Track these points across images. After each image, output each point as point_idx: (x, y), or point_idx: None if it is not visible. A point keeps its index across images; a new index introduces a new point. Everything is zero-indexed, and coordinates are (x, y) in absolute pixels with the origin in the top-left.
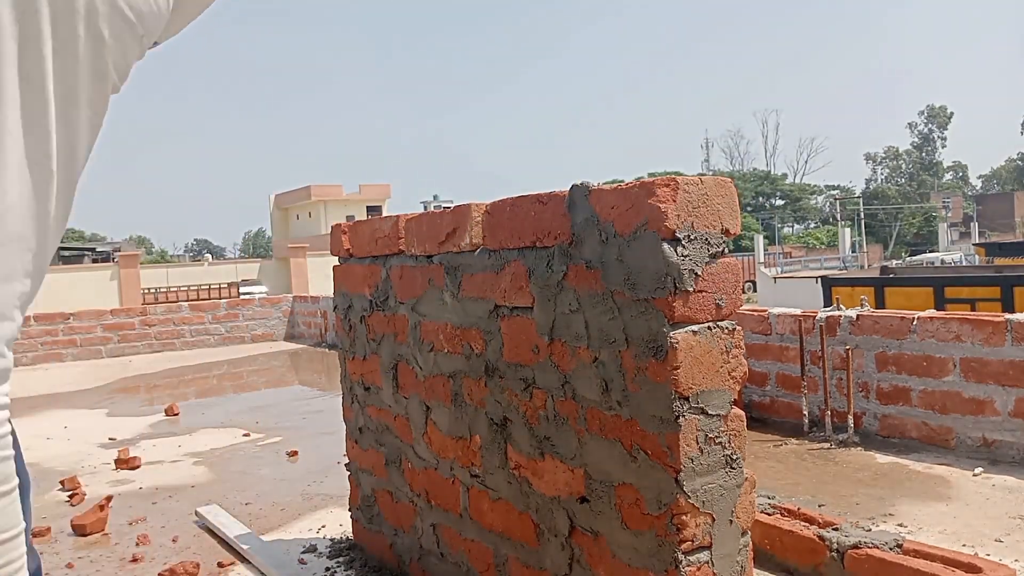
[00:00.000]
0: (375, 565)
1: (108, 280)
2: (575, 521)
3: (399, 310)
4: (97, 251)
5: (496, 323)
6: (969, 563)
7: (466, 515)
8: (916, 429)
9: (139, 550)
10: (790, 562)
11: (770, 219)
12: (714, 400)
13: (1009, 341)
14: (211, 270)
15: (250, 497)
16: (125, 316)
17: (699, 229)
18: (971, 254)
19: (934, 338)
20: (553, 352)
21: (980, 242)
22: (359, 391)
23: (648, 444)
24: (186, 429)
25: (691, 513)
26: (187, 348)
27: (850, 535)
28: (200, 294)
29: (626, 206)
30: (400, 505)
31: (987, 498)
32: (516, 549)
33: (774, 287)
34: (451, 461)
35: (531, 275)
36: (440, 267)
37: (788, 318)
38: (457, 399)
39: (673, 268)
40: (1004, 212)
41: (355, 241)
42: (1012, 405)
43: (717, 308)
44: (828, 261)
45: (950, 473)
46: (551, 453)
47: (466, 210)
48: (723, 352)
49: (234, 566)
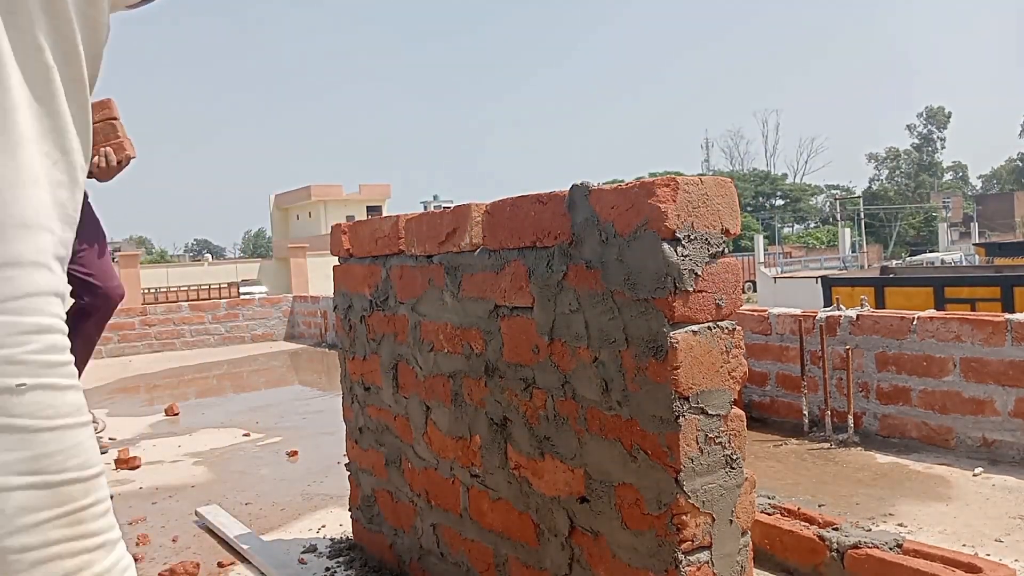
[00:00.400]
0: (375, 565)
1: None
2: (575, 521)
3: (399, 310)
4: None
5: (496, 323)
6: (969, 563)
7: (466, 515)
8: (916, 429)
9: (139, 550)
10: (790, 562)
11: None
12: (714, 400)
13: (1009, 341)
14: (211, 270)
15: (250, 497)
16: (125, 316)
17: (699, 229)
18: (971, 254)
19: (934, 338)
20: (553, 352)
21: (980, 242)
22: (359, 391)
23: (648, 444)
24: (186, 429)
25: (691, 513)
26: (187, 348)
27: (850, 535)
28: (200, 294)
29: (626, 206)
30: (400, 505)
31: (987, 498)
32: (516, 549)
33: (774, 287)
34: (451, 461)
35: (531, 275)
36: (440, 267)
37: (788, 318)
38: (457, 399)
39: (673, 268)
40: (1004, 212)
41: (355, 241)
42: (1012, 405)
43: (717, 308)
44: (828, 261)
45: (950, 473)
46: (551, 453)
47: (466, 210)
48: (723, 352)
49: (234, 566)
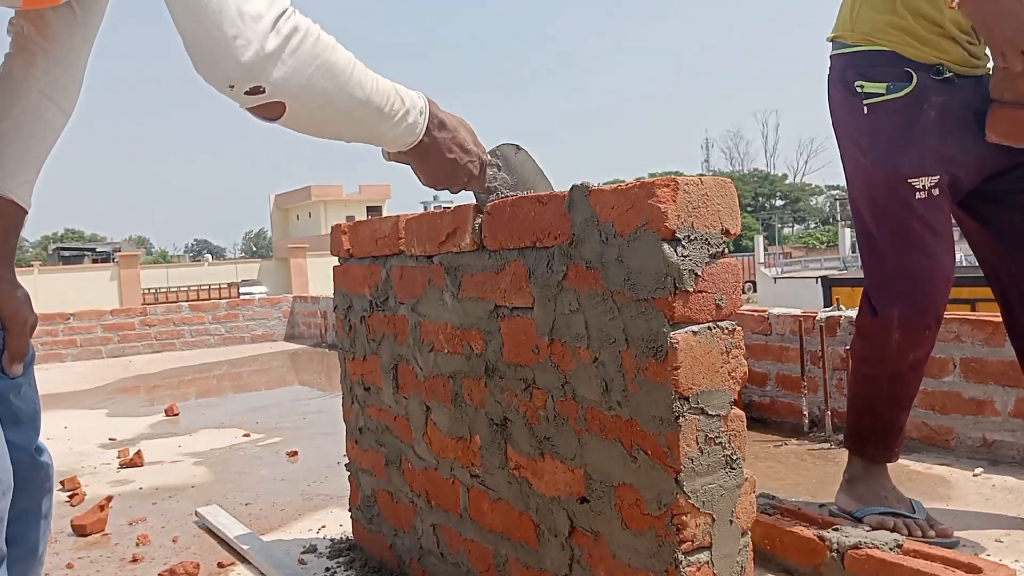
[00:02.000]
0: (375, 565)
1: (108, 280)
2: (575, 521)
3: (399, 310)
4: (97, 251)
5: (496, 323)
6: (969, 563)
7: (466, 515)
8: (916, 429)
9: (139, 550)
10: (790, 562)
11: (770, 219)
12: (714, 400)
13: (1009, 341)
14: (211, 270)
15: (250, 497)
16: (125, 316)
17: (699, 229)
18: (971, 254)
19: None
20: (553, 352)
21: None
22: (359, 391)
23: (648, 444)
24: (186, 429)
25: (691, 513)
26: (187, 348)
27: (850, 535)
28: (200, 294)
29: (626, 206)
30: (400, 505)
31: (987, 498)
32: (516, 549)
33: (774, 287)
34: (451, 461)
35: (531, 275)
36: (440, 267)
37: (788, 318)
38: (457, 399)
39: (673, 268)
40: None
41: (355, 241)
42: (1012, 405)
43: (717, 308)
44: (828, 261)
45: (950, 473)
46: (551, 453)
47: (466, 210)
48: (723, 352)
49: (234, 566)
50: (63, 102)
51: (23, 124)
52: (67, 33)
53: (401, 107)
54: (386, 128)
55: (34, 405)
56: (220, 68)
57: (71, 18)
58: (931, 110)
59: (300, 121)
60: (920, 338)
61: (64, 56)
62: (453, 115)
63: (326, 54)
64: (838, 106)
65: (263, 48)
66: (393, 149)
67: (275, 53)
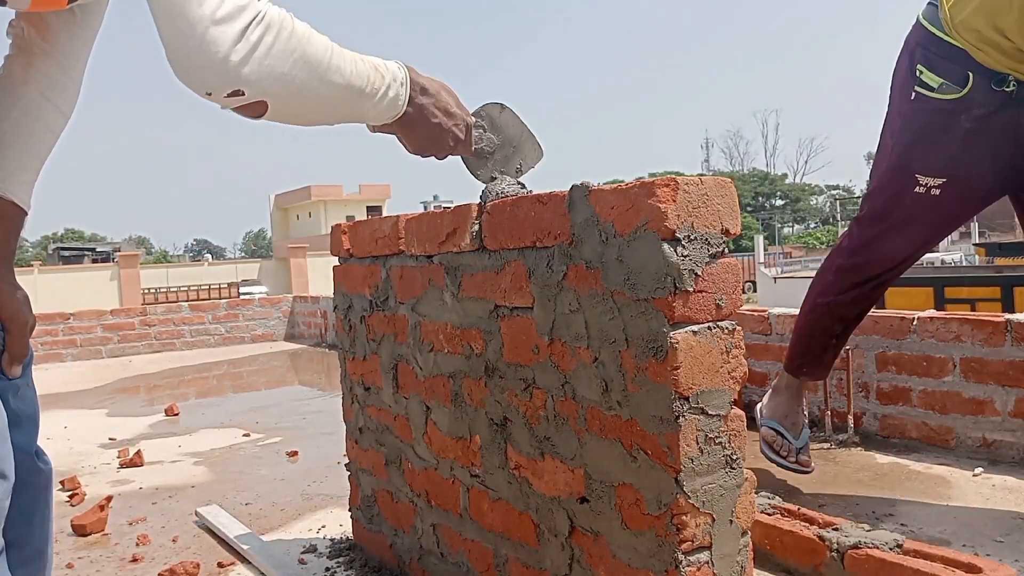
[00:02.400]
0: (375, 565)
1: (108, 280)
2: (575, 521)
3: (399, 310)
4: (97, 251)
5: (496, 323)
6: (969, 563)
7: (466, 515)
8: (916, 429)
9: (139, 550)
10: (790, 562)
11: (770, 219)
12: (714, 400)
13: (1009, 341)
14: (211, 270)
15: (250, 497)
16: (125, 316)
17: (699, 229)
18: (971, 254)
19: (934, 338)
20: (553, 352)
21: (980, 242)
22: (359, 391)
23: (648, 444)
24: (186, 429)
25: (691, 513)
26: (187, 348)
27: (850, 535)
28: (200, 294)
29: (626, 206)
30: (400, 505)
31: (987, 498)
32: (516, 549)
33: (774, 287)
34: (451, 461)
35: (531, 275)
36: (440, 267)
37: (788, 318)
38: (457, 399)
39: (673, 268)
40: (1004, 212)
41: (355, 241)
42: (1012, 405)
43: (717, 308)
44: None
45: (950, 473)
46: (551, 453)
47: (466, 210)
48: (723, 352)
49: (234, 566)
50: (62, 103)
51: (22, 125)
52: (67, 35)
53: (382, 83)
54: (369, 106)
55: (33, 406)
56: (196, 76)
57: (71, 21)
58: (968, 121)
59: (284, 114)
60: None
61: (64, 58)
62: (434, 79)
63: (302, 47)
64: (898, 73)
65: (234, 54)
66: (378, 123)
67: (247, 57)
